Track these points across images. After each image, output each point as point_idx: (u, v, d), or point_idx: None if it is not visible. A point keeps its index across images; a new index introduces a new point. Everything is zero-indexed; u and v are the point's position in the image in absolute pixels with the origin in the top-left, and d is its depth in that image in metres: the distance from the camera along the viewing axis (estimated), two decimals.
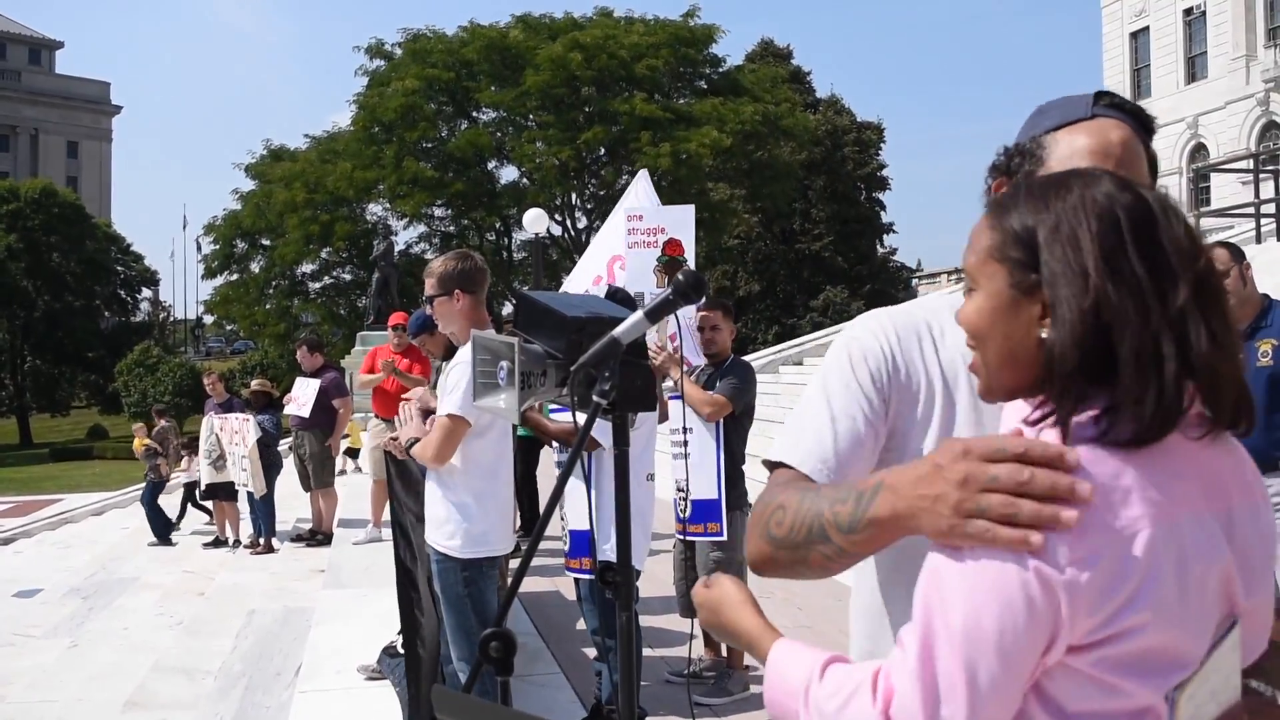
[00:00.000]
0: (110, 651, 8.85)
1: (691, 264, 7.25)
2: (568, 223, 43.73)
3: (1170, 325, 1.23)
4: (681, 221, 7.53)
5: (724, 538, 5.76)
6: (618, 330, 2.05)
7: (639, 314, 2.04)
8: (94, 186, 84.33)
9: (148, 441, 14.80)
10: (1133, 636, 1.21)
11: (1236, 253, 5.20)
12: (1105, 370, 1.24)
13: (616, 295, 4.95)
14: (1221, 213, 22.37)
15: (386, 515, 5.90)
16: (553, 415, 5.54)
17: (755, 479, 10.27)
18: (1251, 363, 5.00)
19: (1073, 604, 1.18)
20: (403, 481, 4.84)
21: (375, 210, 43.62)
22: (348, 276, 44.67)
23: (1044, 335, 1.28)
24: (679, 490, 5.83)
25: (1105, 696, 1.24)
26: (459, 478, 4.30)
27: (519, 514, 9.95)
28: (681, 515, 5.86)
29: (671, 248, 7.13)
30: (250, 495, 11.79)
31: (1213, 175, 38.57)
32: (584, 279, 8.68)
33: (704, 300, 6.15)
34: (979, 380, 1.41)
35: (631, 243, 7.45)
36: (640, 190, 8.79)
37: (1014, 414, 1.36)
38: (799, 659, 1.38)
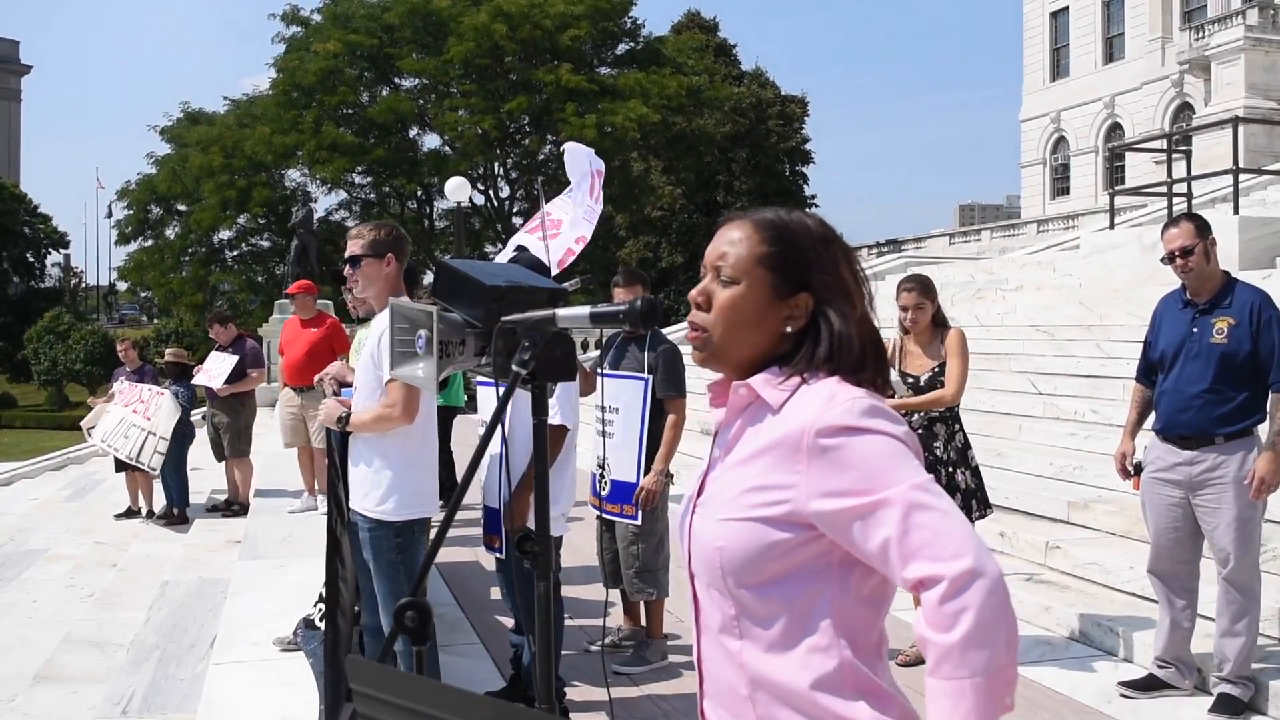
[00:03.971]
0: (19, 624, 8.67)
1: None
2: (490, 192, 43.46)
3: (869, 323, 1.79)
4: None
5: (639, 522, 5.76)
6: (561, 312, 2.05)
7: (584, 311, 2.04)
8: (1, 147, 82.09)
9: None
10: None
11: (1203, 228, 5.21)
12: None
13: (523, 259, 4.93)
14: (1135, 191, 22.81)
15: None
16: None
17: (686, 453, 10.30)
18: (1204, 338, 5.08)
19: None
20: (341, 452, 4.80)
21: (294, 176, 43.02)
22: (265, 243, 44.01)
23: (789, 329, 1.75)
24: (599, 466, 5.82)
25: None
26: (393, 440, 4.34)
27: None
28: (600, 491, 5.85)
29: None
30: (165, 465, 11.53)
31: (1127, 154, 39.29)
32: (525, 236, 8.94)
33: (622, 274, 6.11)
34: (704, 352, 1.78)
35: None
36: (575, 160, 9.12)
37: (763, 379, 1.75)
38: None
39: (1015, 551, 7.46)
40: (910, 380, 5.89)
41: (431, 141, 43.04)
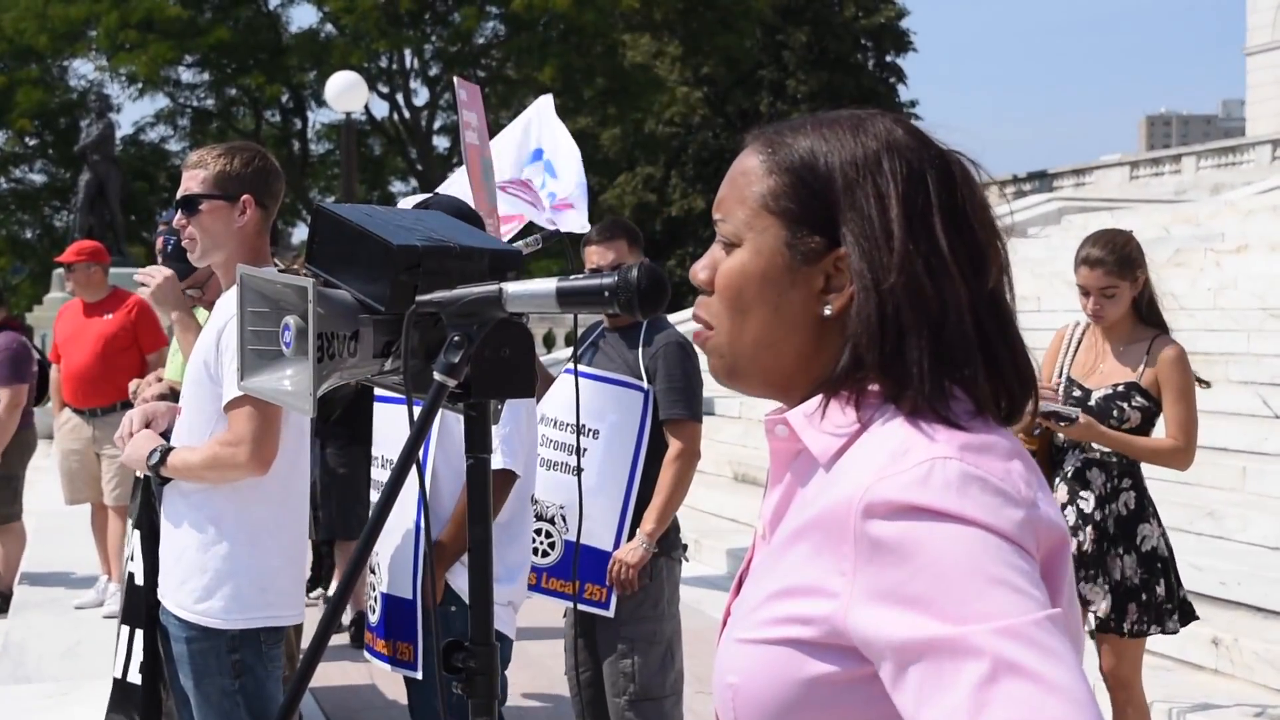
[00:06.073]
0: None
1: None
2: (400, 98, 43.44)
3: (989, 309, 1.64)
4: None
5: (609, 612, 5.67)
6: (512, 288, 2.05)
7: (548, 286, 2.04)
8: None
9: None
10: None
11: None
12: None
13: (439, 202, 4.91)
14: None
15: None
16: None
17: (712, 512, 10.39)
18: None
19: None
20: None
21: (84, 70, 43.03)
22: (38, 177, 44.03)
23: (826, 312, 1.64)
24: (544, 519, 5.71)
25: None
26: (229, 499, 4.25)
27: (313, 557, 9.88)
28: (544, 563, 5.74)
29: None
30: None
31: None
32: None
33: (597, 228, 6.06)
34: (718, 361, 1.75)
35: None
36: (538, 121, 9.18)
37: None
38: None
39: (1236, 670, 7.46)
40: (1078, 394, 5.76)
41: (304, 16, 43.17)
